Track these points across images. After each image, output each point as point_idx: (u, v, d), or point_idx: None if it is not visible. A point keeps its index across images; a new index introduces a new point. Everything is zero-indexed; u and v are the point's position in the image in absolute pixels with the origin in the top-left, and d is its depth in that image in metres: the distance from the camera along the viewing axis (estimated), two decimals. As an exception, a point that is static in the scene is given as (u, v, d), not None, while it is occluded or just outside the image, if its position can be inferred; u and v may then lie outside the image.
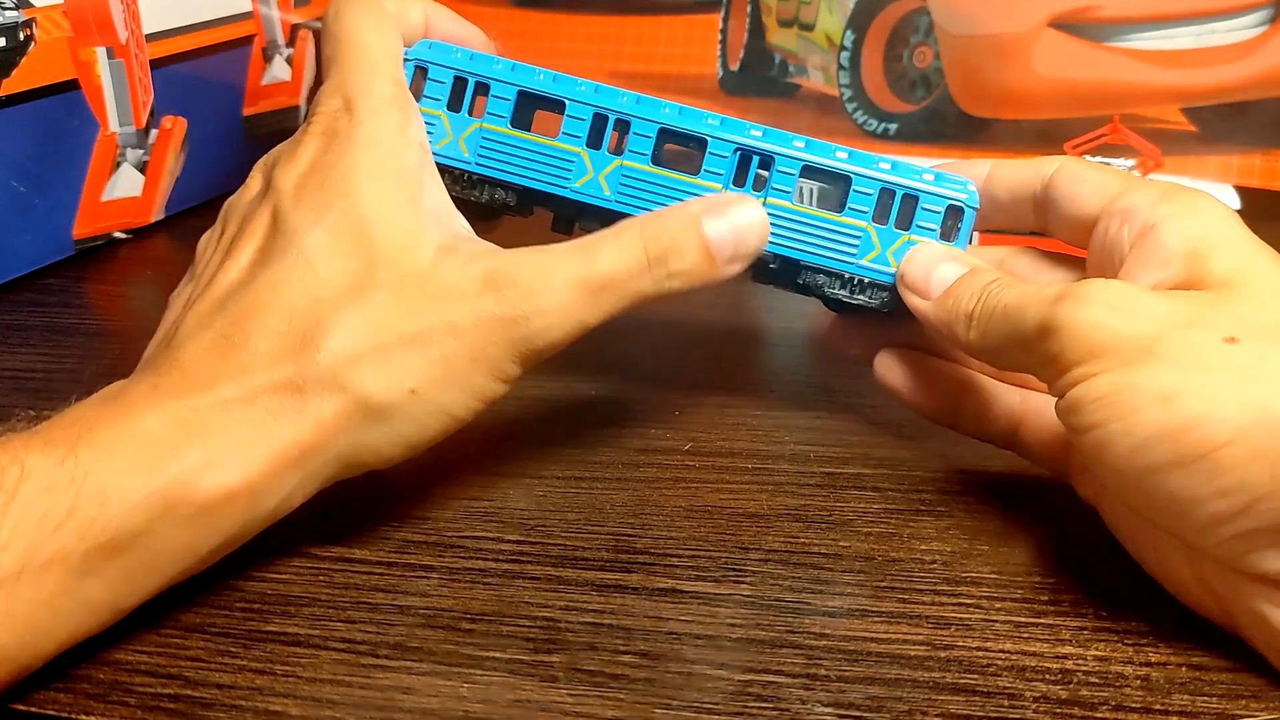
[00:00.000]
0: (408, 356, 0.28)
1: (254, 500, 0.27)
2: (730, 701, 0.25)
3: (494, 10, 0.67)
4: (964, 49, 0.57)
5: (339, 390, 0.28)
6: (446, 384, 0.29)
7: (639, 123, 0.34)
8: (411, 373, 0.28)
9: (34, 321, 0.45)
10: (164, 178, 0.55)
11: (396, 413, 0.28)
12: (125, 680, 0.26)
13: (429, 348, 0.28)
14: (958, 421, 0.35)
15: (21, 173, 0.46)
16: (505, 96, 0.35)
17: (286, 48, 0.63)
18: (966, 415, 0.34)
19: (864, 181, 0.34)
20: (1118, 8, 0.55)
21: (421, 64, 0.35)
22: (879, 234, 0.34)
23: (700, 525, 0.32)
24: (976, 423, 0.34)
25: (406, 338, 0.28)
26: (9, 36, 0.44)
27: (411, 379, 0.28)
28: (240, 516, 0.27)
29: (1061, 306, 0.27)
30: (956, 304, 0.31)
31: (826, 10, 0.61)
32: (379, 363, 0.28)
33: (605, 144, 0.34)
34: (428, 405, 0.29)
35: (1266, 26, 0.54)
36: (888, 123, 0.60)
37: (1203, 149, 0.55)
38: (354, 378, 0.28)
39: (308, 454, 0.27)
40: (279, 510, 0.28)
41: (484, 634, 0.27)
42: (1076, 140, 0.50)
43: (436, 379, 0.29)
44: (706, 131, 0.34)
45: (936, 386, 0.35)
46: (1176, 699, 0.26)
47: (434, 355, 0.28)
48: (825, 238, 0.34)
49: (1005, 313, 0.29)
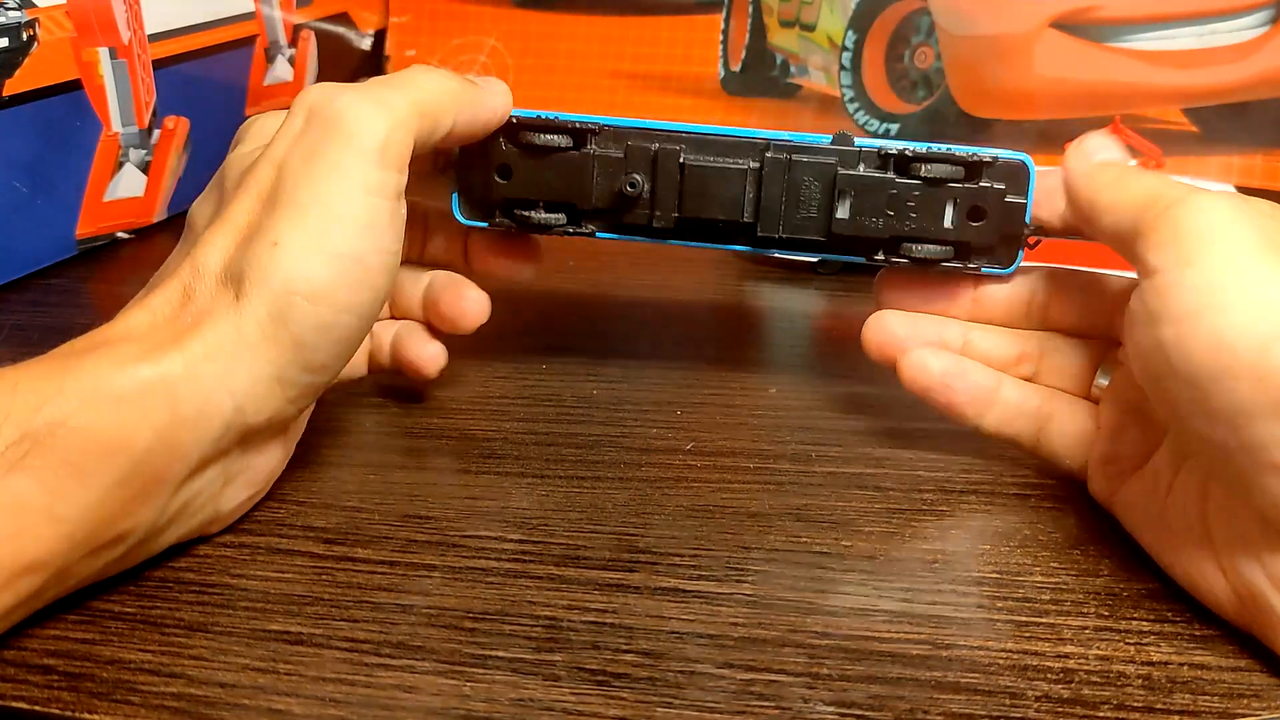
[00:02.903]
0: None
1: (172, 391, 0.26)
2: (732, 700, 0.25)
3: (494, 10, 0.67)
4: (965, 49, 0.58)
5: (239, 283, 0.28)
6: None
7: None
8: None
9: (37, 321, 0.45)
10: (166, 178, 0.55)
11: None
12: (129, 679, 0.26)
13: None
14: (982, 421, 0.34)
15: (24, 173, 0.47)
16: None
17: (289, 48, 0.63)
18: (992, 414, 0.34)
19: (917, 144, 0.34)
20: (1118, 8, 0.55)
21: None
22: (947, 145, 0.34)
23: (702, 524, 0.32)
24: (1000, 422, 0.34)
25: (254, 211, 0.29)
26: (12, 37, 0.44)
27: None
28: (165, 409, 0.26)
29: (1183, 203, 0.27)
30: (1107, 169, 0.32)
31: (828, 11, 0.61)
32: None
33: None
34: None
35: (1267, 27, 0.54)
36: (889, 123, 0.60)
37: (1203, 149, 0.55)
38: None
39: (226, 348, 0.27)
40: (210, 411, 0.27)
41: (486, 633, 0.28)
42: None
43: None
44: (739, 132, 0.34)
45: (964, 385, 0.34)
46: (1178, 698, 0.26)
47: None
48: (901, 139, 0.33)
49: (1138, 192, 0.29)
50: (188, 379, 0.27)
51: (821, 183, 0.34)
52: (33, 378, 0.26)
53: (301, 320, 0.28)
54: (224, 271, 0.28)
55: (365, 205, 0.29)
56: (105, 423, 0.25)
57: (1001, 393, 0.34)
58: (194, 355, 0.27)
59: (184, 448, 0.27)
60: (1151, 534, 0.30)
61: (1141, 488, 0.30)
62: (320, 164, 0.29)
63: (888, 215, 0.34)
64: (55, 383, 0.25)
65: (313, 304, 0.28)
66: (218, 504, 0.30)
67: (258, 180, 0.29)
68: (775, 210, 0.34)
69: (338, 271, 0.28)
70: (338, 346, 0.29)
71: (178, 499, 0.28)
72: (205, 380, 0.27)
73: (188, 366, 0.27)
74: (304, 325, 0.28)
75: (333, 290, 0.28)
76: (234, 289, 0.28)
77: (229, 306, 0.28)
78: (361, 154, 0.29)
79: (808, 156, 0.34)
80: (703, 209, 0.34)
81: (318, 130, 0.29)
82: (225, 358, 0.27)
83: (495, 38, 0.67)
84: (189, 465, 0.27)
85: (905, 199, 0.34)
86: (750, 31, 0.64)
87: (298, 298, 0.28)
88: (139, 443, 0.26)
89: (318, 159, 0.29)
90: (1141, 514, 0.30)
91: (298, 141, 0.29)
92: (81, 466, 0.25)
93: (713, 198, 0.34)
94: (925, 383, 0.34)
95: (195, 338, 0.27)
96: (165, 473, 0.27)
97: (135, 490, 0.26)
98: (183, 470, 0.27)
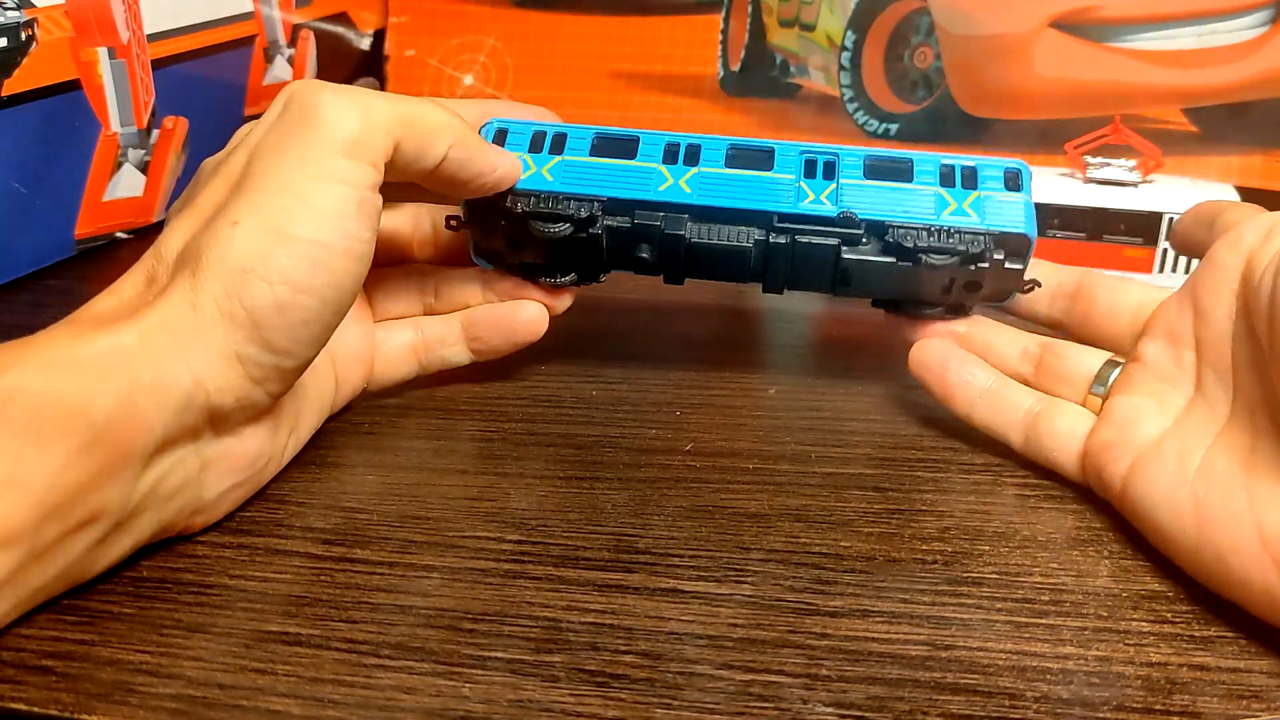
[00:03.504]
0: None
1: (128, 360, 0.27)
2: (731, 701, 0.25)
3: (494, 10, 0.67)
4: (965, 49, 0.58)
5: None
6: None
7: (709, 145, 0.36)
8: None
9: (36, 322, 0.44)
10: (165, 178, 0.55)
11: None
12: (128, 680, 0.26)
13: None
14: (972, 413, 0.36)
15: (23, 173, 0.47)
16: (582, 138, 0.37)
17: (288, 48, 0.63)
18: (981, 409, 0.36)
19: (925, 160, 0.36)
20: (1118, 8, 0.55)
21: (502, 127, 0.37)
22: (951, 194, 0.36)
23: (701, 525, 0.32)
24: (988, 416, 0.36)
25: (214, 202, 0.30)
26: (10, 37, 0.44)
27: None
28: (122, 377, 0.27)
29: None
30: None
31: (827, 11, 0.61)
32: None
33: (681, 159, 0.36)
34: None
35: (1267, 27, 0.54)
36: (888, 123, 0.60)
37: (1203, 149, 0.55)
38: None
39: (182, 321, 0.28)
40: (167, 382, 0.27)
41: (485, 634, 0.28)
42: (1077, 141, 0.50)
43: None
44: (772, 144, 0.36)
45: (960, 378, 0.36)
46: (1177, 699, 0.26)
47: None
48: (904, 201, 0.36)
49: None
50: (143, 348, 0.27)
51: (825, 258, 0.36)
52: (1, 350, 0.26)
53: (257, 298, 0.28)
54: (184, 250, 0.29)
55: (330, 193, 0.29)
56: (63, 389, 0.26)
57: (995, 390, 0.36)
58: (149, 326, 0.28)
59: (144, 416, 0.27)
60: (1170, 515, 0.29)
61: (1159, 468, 0.30)
62: (289, 150, 0.29)
63: (889, 284, 0.36)
64: (15, 354, 0.26)
65: (268, 283, 0.28)
66: (198, 491, 0.30)
67: (229, 168, 0.30)
68: (780, 273, 0.36)
69: (296, 253, 0.29)
70: (299, 329, 0.29)
71: (147, 477, 0.28)
72: (160, 350, 0.27)
73: (143, 336, 0.27)
74: (260, 303, 0.28)
75: (289, 271, 0.28)
76: (191, 265, 0.29)
77: (186, 281, 0.28)
78: (331, 144, 0.29)
79: (812, 237, 0.36)
80: (711, 273, 0.37)
81: (293, 119, 0.30)
82: (181, 331, 0.28)
83: (495, 38, 0.67)
84: (153, 437, 0.27)
85: (907, 276, 0.36)
86: (750, 31, 0.64)
87: (253, 275, 0.28)
88: (98, 409, 0.26)
89: (287, 145, 0.29)
90: (1160, 496, 0.30)
91: (271, 129, 0.30)
92: (40, 431, 0.25)
93: (719, 266, 0.37)
94: (925, 367, 0.36)
95: (152, 311, 0.28)
96: (129, 443, 0.27)
97: (100, 459, 0.26)
98: (147, 442, 0.27)
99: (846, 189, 0.35)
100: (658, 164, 0.36)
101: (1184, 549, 0.29)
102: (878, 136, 0.60)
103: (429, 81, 0.67)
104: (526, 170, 0.36)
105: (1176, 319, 0.32)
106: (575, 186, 0.36)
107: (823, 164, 0.36)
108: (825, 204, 0.35)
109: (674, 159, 0.36)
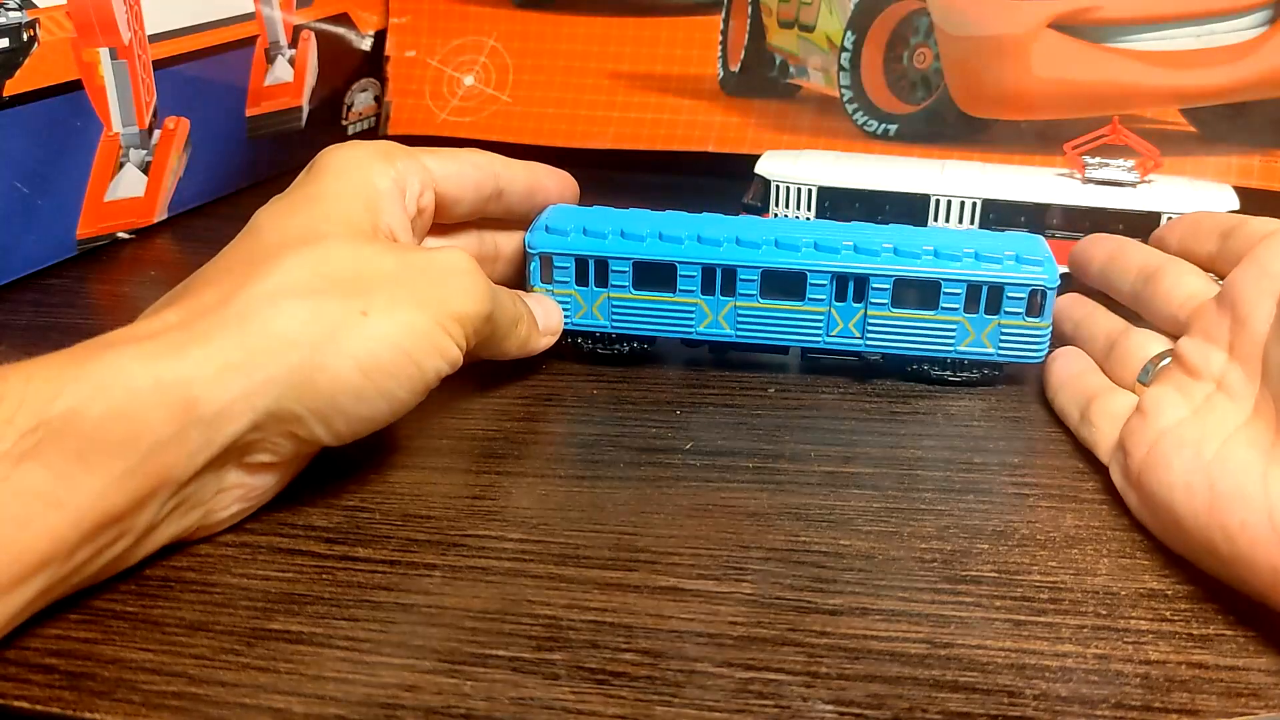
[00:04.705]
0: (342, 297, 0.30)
1: (190, 391, 0.27)
2: (731, 699, 0.26)
3: (494, 10, 0.67)
4: (964, 50, 0.58)
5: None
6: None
7: (744, 269, 0.39)
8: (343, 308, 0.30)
9: (37, 322, 0.45)
10: (167, 178, 0.55)
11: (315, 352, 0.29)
12: (130, 678, 0.26)
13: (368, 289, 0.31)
14: (1056, 397, 0.38)
15: (25, 173, 0.47)
16: (623, 269, 0.40)
17: (289, 49, 0.63)
18: (1063, 395, 0.38)
19: (952, 284, 0.38)
20: (1117, 9, 0.55)
21: (545, 254, 0.40)
22: (972, 323, 0.39)
23: (701, 524, 0.32)
24: (1065, 402, 0.38)
25: (344, 280, 0.30)
26: (12, 37, 0.45)
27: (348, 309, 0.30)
28: (181, 407, 0.27)
29: None
30: None
31: (827, 11, 0.61)
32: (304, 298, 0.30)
33: (717, 289, 0.39)
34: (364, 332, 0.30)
35: (1266, 27, 0.54)
36: (888, 123, 0.60)
37: (1202, 150, 0.55)
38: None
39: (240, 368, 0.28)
40: (227, 419, 0.28)
41: (486, 632, 0.28)
42: (1076, 141, 0.50)
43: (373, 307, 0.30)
44: (804, 266, 0.39)
45: (1067, 372, 0.39)
46: (1176, 697, 0.26)
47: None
48: (925, 333, 0.39)
49: None
50: (216, 381, 0.27)
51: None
52: (48, 367, 0.26)
53: (347, 376, 0.29)
54: (296, 290, 0.30)
55: (444, 342, 0.32)
56: (120, 413, 0.26)
57: (1078, 375, 0.38)
58: (229, 362, 0.28)
59: (190, 446, 0.27)
60: (1184, 495, 0.29)
61: (1177, 453, 0.30)
62: (437, 290, 0.32)
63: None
64: (73, 371, 0.26)
65: (364, 375, 0.29)
66: (209, 510, 0.30)
67: (377, 253, 0.32)
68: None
69: (398, 364, 0.30)
70: (358, 423, 0.30)
71: (175, 497, 0.28)
72: (231, 387, 0.28)
73: (220, 370, 0.27)
74: (343, 382, 0.29)
75: (381, 376, 0.30)
76: (304, 318, 0.29)
77: (290, 329, 0.29)
78: (459, 317, 0.32)
79: (838, 356, 0.41)
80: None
81: (444, 269, 0.33)
82: (259, 373, 0.28)
83: (495, 38, 0.67)
84: (193, 466, 0.28)
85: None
86: (749, 32, 0.64)
87: (355, 361, 0.29)
88: (149, 435, 0.26)
89: (434, 286, 0.32)
90: (1176, 478, 0.30)
91: (433, 257, 0.33)
92: (90, 455, 0.25)
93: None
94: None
95: (236, 344, 0.28)
96: (169, 470, 0.27)
97: (141, 484, 0.26)
98: (187, 470, 0.27)
99: (873, 320, 0.39)
100: (697, 297, 0.39)
101: (1193, 531, 0.29)
102: (877, 137, 0.60)
103: (429, 82, 0.67)
104: (579, 310, 0.41)
105: (1215, 319, 0.33)
106: (626, 327, 0.40)
107: (853, 287, 0.39)
108: (853, 333, 0.39)
109: (711, 289, 0.39)
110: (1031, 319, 0.38)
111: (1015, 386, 0.40)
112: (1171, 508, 0.30)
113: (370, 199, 0.34)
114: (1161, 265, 0.38)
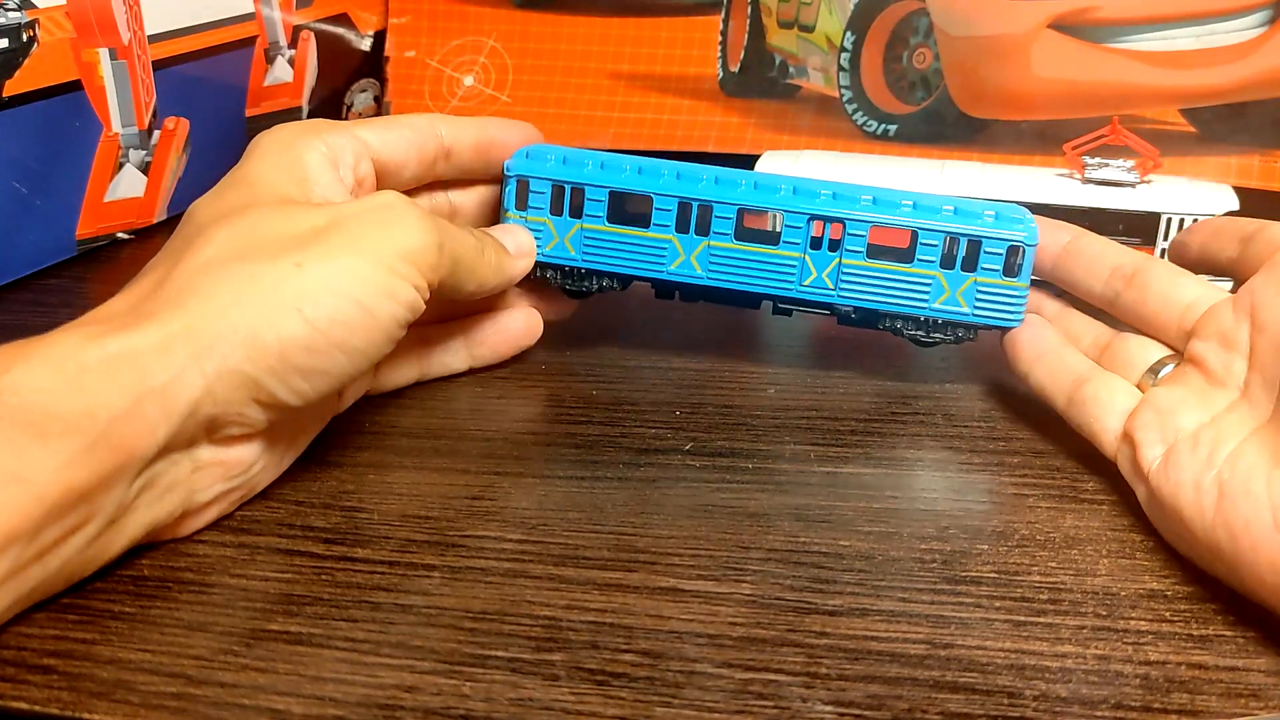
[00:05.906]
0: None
1: (140, 363, 0.27)
2: (731, 700, 0.26)
3: (494, 10, 0.67)
4: (963, 50, 0.58)
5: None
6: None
7: (720, 206, 0.38)
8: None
9: (36, 322, 0.44)
10: (166, 178, 0.55)
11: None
12: (128, 679, 0.26)
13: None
14: (1043, 382, 0.37)
15: (24, 173, 0.47)
16: (599, 198, 0.38)
17: (289, 49, 0.63)
18: (1040, 369, 0.37)
19: (929, 234, 0.37)
20: (1117, 9, 0.55)
21: (522, 178, 0.39)
22: (948, 279, 0.38)
23: (701, 524, 0.32)
24: (1044, 378, 0.37)
25: (274, 240, 0.30)
26: (12, 37, 0.45)
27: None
28: (134, 379, 0.27)
29: None
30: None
31: (826, 12, 0.61)
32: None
33: (692, 227, 0.38)
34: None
35: (1265, 28, 0.54)
36: (887, 124, 0.60)
37: (1202, 150, 0.56)
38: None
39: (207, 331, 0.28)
40: (180, 387, 0.28)
41: (486, 632, 0.28)
42: (1075, 141, 0.50)
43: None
44: (781, 206, 0.38)
45: (1035, 339, 0.38)
46: (1176, 698, 0.26)
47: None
48: (899, 287, 0.38)
49: None
50: (161, 350, 0.28)
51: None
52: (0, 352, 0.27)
53: (294, 332, 0.29)
54: (223, 259, 0.30)
55: (394, 282, 0.31)
56: (68, 387, 0.26)
57: (1055, 352, 0.37)
58: (172, 331, 0.28)
59: (149, 420, 0.27)
60: (1193, 496, 0.29)
61: (1191, 456, 0.30)
62: (373, 235, 0.31)
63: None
64: (24, 351, 0.27)
65: (310, 325, 0.29)
66: (190, 492, 0.30)
67: (310, 217, 0.32)
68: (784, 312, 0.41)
69: (343, 311, 0.30)
70: (316, 377, 0.30)
71: (143, 475, 0.28)
72: (178, 355, 0.28)
73: (164, 340, 0.28)
74: (294, 338, 0.29)
75: (331, 323, 0.30)
76: (238, 281, 0.29)
77: (224, 291, 0.29)
78: (404, 253, 0.32)
79: (810, 308, 0.39)
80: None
81: (378, 207, 0.32)
82: (204, 340, 0.28)
83: (495, 38, 0.67)
84: (156, 441, 0.27)
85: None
86: (749, 32, 0.64)
87: (299, 314, 0.29)
88: (104, 410, 0.26)
89: (373, 229, 0.31)
90: (1187, 479, 0.30)
91: (360, 206, 0.32)
92: (44, 428, 0.25)
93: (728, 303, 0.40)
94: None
95: (178, 313, 0.28)
96: (132, 446, 0.27)
97: (103, 460, 0.26)
98: (149, 446, 0.27)
99: (847, 269, 0.38)
100: (670, 234, 0.38)
101: (1198, 530, 0.29)
102: (877, 137, 0.60)
103: (429, 82, 0.67)
104: (550, 241, 0.39)
105: (1232, 325, 0.32)
106: (596, 261, 0.39)
107: (828, 237, 0.38)
108: (826, 284, 0.38)
109: (686, 227, 0.38)
110: (1009, 279, 0.37)
111: (1015, 386, 0.40)
112: (1179, 508, 0.30)
113: (299, 174, 0.34)
114: (1143, 266, 0.36)
